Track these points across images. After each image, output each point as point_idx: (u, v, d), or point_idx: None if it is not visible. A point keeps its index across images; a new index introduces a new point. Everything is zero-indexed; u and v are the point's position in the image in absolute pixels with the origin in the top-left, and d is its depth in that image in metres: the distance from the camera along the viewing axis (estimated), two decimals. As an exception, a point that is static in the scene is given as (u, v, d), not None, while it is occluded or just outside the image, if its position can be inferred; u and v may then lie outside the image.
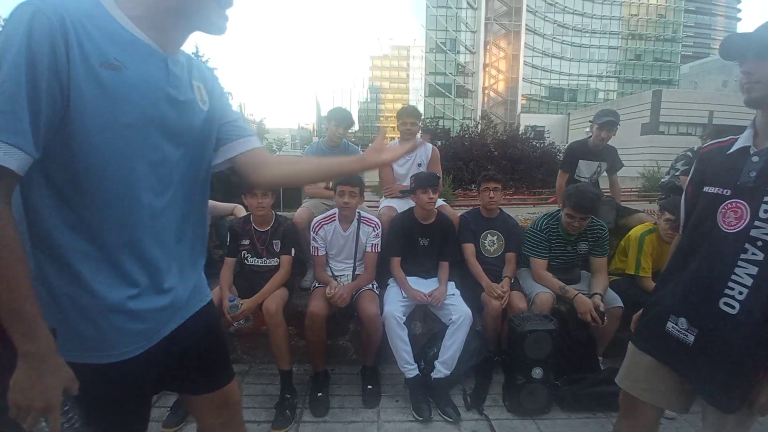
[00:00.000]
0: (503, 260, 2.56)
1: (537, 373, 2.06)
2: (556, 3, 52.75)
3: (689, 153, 3.18)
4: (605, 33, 55.00)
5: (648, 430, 1.27)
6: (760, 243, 0.97)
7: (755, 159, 1.01)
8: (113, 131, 0.70)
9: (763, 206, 0.97)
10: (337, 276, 2.38)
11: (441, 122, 31.56)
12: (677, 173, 3.20)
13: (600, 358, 2.36)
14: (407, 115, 2.88)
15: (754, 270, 0.98)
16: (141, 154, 0.74)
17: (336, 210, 2.39)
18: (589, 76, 55.87)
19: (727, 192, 1.04)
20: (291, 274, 2.38)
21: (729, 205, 1.03)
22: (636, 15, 55.03)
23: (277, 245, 2.34)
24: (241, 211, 2.77)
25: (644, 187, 14.23)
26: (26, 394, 0.67)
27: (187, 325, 0.90)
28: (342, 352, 2.54)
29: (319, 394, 2.14)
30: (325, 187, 2.83)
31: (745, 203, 1.00)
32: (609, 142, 3.11)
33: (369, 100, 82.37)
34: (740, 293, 1.00)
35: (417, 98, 66.59)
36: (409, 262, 2.43)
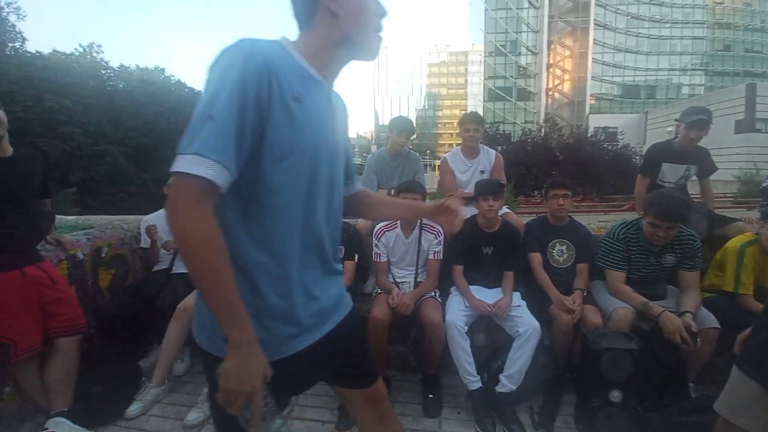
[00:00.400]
0: (573, 271, 2.41)
1: (616, 396, 1.90)
2: (630, -6, 48.71)
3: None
4: (688, 23, 49.46)
5: None
6: None
7: None
8: (294, 154, 0.81)
9: None
10: (399, 283, 2.41)
11: (501, 127, 30.54)
12: (786, 176, 2.78)
13: (691, 384, 2.11)
14: (469, 121, 2.85)
15: None
16: (312, 174, 0.86)
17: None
18: (671, 70, 50.53)
19: None
20: (354, 280, 2.45)
21: None
22: (721, 3, 48.82)
23: (340, 251, 2.42)
24: None
25: (740, 192, 12.55)
26: (237, 379, 0.75)
27: (336, 330, 0.99)
28: (402, 358, 2.54)
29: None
30: (387, 194, 2.89)
31: None
32: (699, 143, 2.80)
33: (426, 107, 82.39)
34: None
35: (476, 103, 65.21)
36: (472, 270, 2.38)
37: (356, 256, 2.42)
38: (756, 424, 1.12)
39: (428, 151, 59.30)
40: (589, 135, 17.01)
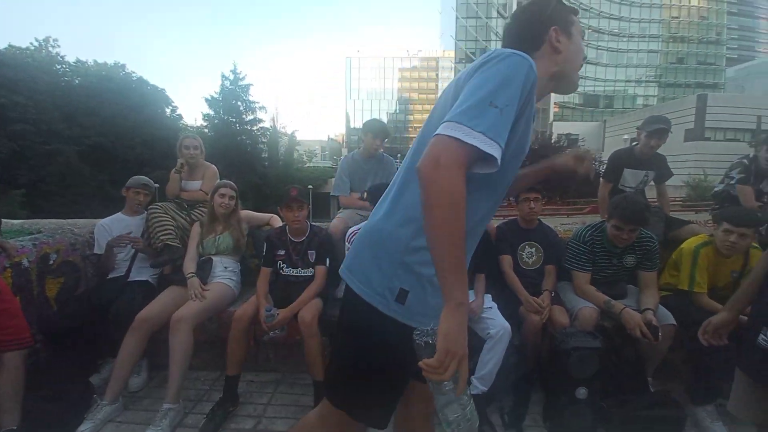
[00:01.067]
0: (542, 273, 2.46)
1: (581, 393, 1.95)
2: (591, 8, 51.41)
3: (745, 160, 2.96)
4: (644, 37, 52.90)
5: None
6: None
7: None
8: (515, 160, 0.96)
9: None
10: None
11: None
12: (732, 182, 2.98)
13: (649, 379, 2.21)
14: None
15: None
16: (509, 179, 1.01)
17: (370, 220, 2.41)
18: (627, 81, 53.75)
19: None
20: (326, 285, 2.40)
21: None
22: (677, 17, 52.74)
23: (312, 255, 2.36)
24: (277, 222, 2.84)
25: (689, 196, 13.45)
26: (455, 342, 0.77)
27: None
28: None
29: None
30: (359, 198, 2.86)
31: None
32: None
33: (398, 111, 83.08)
34: None
35: (446, 108, 66.36)
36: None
37: (328, 261, 2.37)
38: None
39: (399, 155, 59.69)
40: (553, 141, 17.72)
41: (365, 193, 2.63)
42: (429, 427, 1.26)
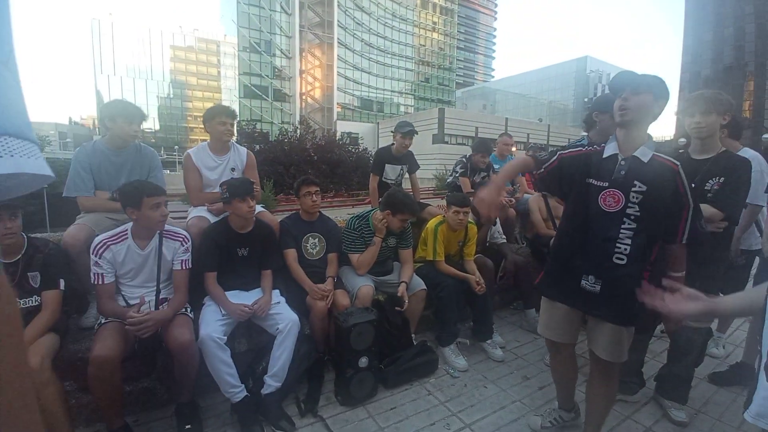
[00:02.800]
0: (326, 261, 2.64)
1: (363, 362, 2.22)
2: (363, 23, 58.27)
3: (464, 159, 4.01)
4: (402, 56, 64.18)
5: (570, 360, 1.83)
6: (632, 216, 1.46)
7: (623, 162, 1.48)
8: None
9: (632, 193, 1.45)
10: (134, 305, 1.96)
11: (259, 125, 30.27)
12: (457, 174, 4.00)
13: (413, 335, 2.72)
14: (224, 114, 2.57)
15: (631, 233, 1.47)
16: None
17: (127, 226, 1.97)
18: (392, 91, 64.11)
19: (605, 184, 1.50)
20: (63, 314, 1.83)
21: (608, 193, 1.49)
22: (424, 45, 66.47)
23: (35, 279, 1.76)
24: None
25: (437, 187, 17.25)
26: None
27: None
28: (148, 394, 2.10)
29: (119, 457, 1.73)
30: (110, 198, 2.28)
31: (620, 192, 1.47)
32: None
33: (172, 96, 71.62)
34: (625, 249, 1.48)
35: (231, 98, 61.86)
36: (228, 275, 2.22)
37: (61, 282, 1.81)
38: (565, 335, 1.71)
39: (176, 146, 51.90)
40: (337, 138, 19.25)
41: (116, 193, 2.11)
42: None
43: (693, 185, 1.48)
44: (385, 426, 2.04)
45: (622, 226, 1.48)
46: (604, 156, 1.54)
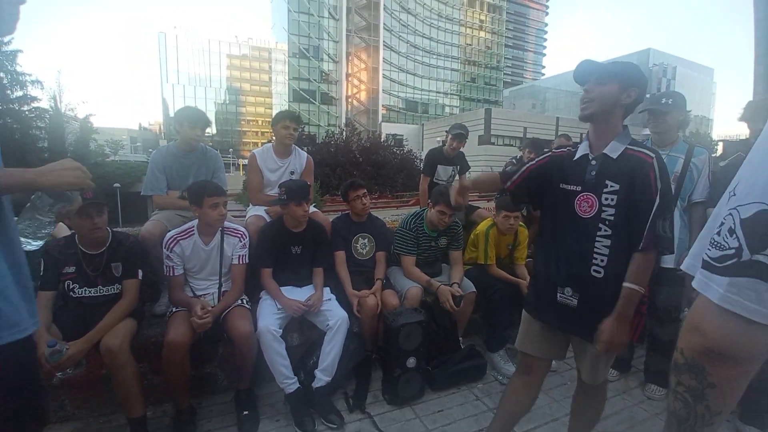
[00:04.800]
0: (375, 261, 2.68)
1: (411, 362, 2.22)
2: (408, 25, 58.47)
3: (513, 160, 3.89)
4: (448, 57, 63.53)
5: (535, 387, 1.60)
6: (608, 222, 1.28)
7: (593, 162, 1.34)
8: None
9: (604, 195, 1.29)
10: (200, 296, 2.12)
11: (307, 128, 31.33)
12: (507, 176, 3.89)
13: (460, 338, 2.68)
14: (290, 118, 2.71)
15: (608, 242, 1.29)
16: None
17: (193, 223, 2.13)
18: (437, 92, 63.68)
19: (578, 188, 1.35)
20: (140, 301, 2.02)
21: (582, 198, 1.34)
22: (470, 45, 65.33)
23: (117, 269, 1.95)
24: (62, 230, 2.23)
25: (483, 189, 16.91)
26: None
27: None
28: (210, 381, 2.26)
29: (186, 436, 1.87)
30: (179, 197, 2.49)
31: (593, 195, 1.31)
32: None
33: (228, 102, 76.16)
34: (602, 261, 1.30)
35: (281, 103, 64.55)
36: (282, 271, 2.33)
37: (140, 273, 1.99)
38: (544, 350, 1.53)
39: (231, 149, 55.01)
40: (382, 140, 19.45)
41: (185, 192, 2.29)
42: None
43: None
44: (432, 428, 2.03)
45: (598, 234, 1.30)
46: (575, 158, 1.40)
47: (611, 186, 1.29)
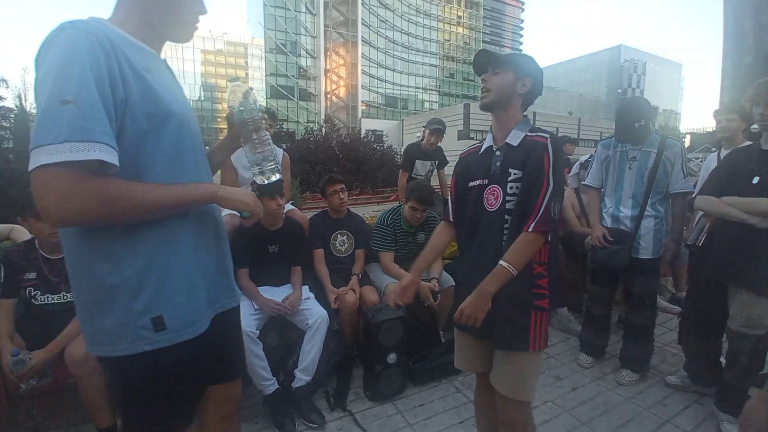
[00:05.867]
0: (354, 258, 2.66)
1: (392, 358, 2.22)
2: (387, 20, 58.23)
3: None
4: (426, 53, 63.69)
5: (488, 391, 1.42)
6: (511, 212, 1.24)
7: (498, 153, 1.30)
8: (149, 123, 0.84)
9: (509, 185, 1.25)
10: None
11: (285, 125, 30.86)
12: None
13: (441, 332, 2.70)
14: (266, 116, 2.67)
15: (514, 234, 1.21)
16: (175, 134, 0.91)
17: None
18: (416, 88, 63.77)
19: (485, 181, 1.31)
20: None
21: (489, 191, 1.29)
22: (448, 41, 65.73)
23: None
24: (21, 234, 2.12)
25: (463, 184, 17.11)
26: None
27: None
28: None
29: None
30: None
31: (498, 187, 1.27)
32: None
33: (203, 98, 74.19)
34: None
35: (258, 99, 63.27)
36: (259, 271, 2.28)
37: None
38: (478, 364, 1.43)
39: (207, 147, 53.47)
40: (362, 136, 19.37)
41: None
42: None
43: (758, 178, 1.30)
44: (414, 422, 2.04)
45: (505, 226, 1.25)
46: (481, 152, 1.37)
47: (514, 174, 1.25)
